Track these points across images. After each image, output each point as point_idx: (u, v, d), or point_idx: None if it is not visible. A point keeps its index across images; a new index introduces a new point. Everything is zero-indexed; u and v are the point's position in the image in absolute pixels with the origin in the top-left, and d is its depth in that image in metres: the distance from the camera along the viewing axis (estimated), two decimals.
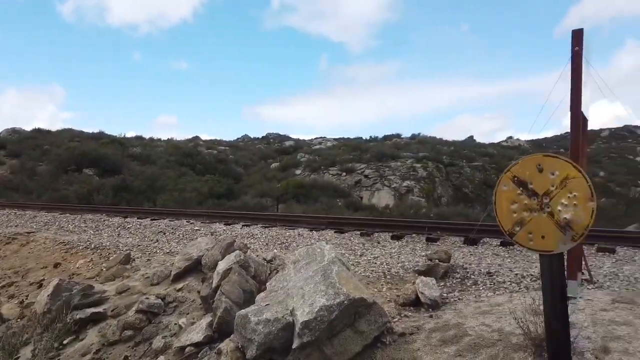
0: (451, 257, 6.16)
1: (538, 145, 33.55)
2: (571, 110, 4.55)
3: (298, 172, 30.13)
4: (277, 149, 40.41)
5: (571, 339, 3.59)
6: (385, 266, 6.35)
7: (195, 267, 6.27)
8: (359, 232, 8.28)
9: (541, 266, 2.43)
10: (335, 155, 32.14)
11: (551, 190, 2.38)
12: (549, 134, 42.42)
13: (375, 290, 5.57)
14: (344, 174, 28.28)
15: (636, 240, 6.46)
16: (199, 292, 5.65)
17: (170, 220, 11.34)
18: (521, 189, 2.47)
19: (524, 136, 37.96)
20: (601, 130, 37.16)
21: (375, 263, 6.53)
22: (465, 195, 25.05)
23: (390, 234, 7.99)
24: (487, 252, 6.58)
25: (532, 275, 5.47)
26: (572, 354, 3.53)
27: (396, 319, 4.70)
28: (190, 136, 47.58)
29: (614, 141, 35.05)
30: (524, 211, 2.46)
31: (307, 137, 48.31)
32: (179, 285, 6.05)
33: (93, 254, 8.69)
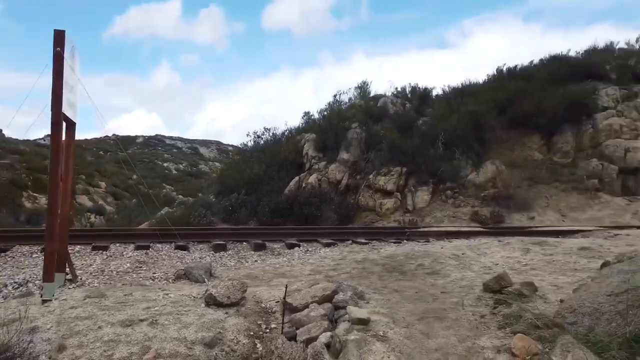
0: None
1: (78, 146, 32.77)
2: (52, 110, 4.42)
3: None
4: None
5: (26, 345, 3.46)
6: None
7: None
8: None
9: None
10: None
11: None
12: (90, 135, 42.39)
13: None
14: None
15: (129, 237, 7.14)
16: None
17: None
18: None
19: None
20: (137, 136, 40.31)
21: None
22: None
23: None
24: None
25: (16, 282, 5.05)
26: None
27: None
28: None
29: (147, 148, 38.73)
30: None
31: None
32: None
33: None
